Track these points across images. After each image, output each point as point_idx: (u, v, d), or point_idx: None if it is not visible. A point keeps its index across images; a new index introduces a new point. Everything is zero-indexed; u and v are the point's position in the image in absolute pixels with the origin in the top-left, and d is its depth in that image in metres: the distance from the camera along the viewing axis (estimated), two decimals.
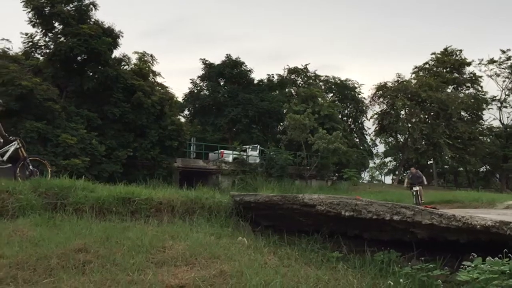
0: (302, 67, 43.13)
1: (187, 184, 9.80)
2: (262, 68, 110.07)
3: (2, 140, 8.87)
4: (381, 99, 42.03)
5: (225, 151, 30.24)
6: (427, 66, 45.24)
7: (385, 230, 5.81)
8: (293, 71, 43.14)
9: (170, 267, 4.78)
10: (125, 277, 4.23)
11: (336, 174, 34.81)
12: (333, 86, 43.14)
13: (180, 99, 38.42)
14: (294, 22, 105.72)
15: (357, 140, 42.75)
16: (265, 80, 41.93)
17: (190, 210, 7.38)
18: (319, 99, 37.10)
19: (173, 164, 25.50)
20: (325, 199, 6.07)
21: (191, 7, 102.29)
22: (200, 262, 4.99)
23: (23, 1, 22.92)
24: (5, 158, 8.86)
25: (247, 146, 31.30)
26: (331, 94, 43.10)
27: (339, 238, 6.20)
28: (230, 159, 29.31)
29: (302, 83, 43.29)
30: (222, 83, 40.49)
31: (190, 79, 41.61)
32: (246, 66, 40.14)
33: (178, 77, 78.25)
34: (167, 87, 30.07)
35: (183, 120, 37.32)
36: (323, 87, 42.70)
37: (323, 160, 30.85)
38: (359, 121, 44.09)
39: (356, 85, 42.67)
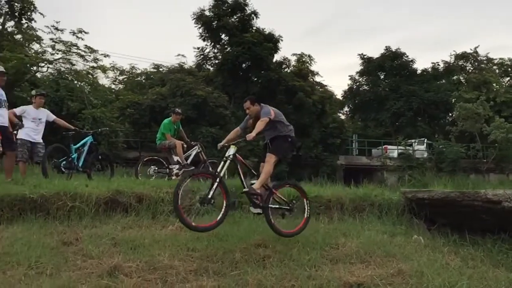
0: (472, 51, 39.47)
1: (353, 181, 9.68)
2: (425, 56, 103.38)
3: (186, 146, 9.98)
4: None
5: (389, 147, 29.26)
6: None
7: None
8: (461, 56, 39.68)
9: (345, 264, 4.80)
10: (303, 272, 4.37)
11: None
12: (509, 69, 38.66)
13: (339, 96, 38.47)
14: (458, 3, 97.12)
15: None
16: (429, 69, 39.53)
17: (359, 207, 7.28)
18: (494, 84, 33.73)
19: (336, 161, 25.57)
20: None
21: (344, 3, 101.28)
22: (375, 261, 4.92)
23: (194, 18, 25.52)
24: (188, 161, 9.95)
25: (413, 140, 29.89)
26: (508, 78, 38.67)
27: None
28: (395, 154, 28.26)
29: (472, 68, 39.65)
30: (382, 77, 39.36)
31: (349, 76, 41.41)
32: (407, 56, 38.37)
33: (335, 74, 78.10)
34: (325, 85, 30.50)
35: (343, 117, 37.29)
36: (497, 71, 38.61)
37: (502, 152, 27.84)
38: None
39: None
